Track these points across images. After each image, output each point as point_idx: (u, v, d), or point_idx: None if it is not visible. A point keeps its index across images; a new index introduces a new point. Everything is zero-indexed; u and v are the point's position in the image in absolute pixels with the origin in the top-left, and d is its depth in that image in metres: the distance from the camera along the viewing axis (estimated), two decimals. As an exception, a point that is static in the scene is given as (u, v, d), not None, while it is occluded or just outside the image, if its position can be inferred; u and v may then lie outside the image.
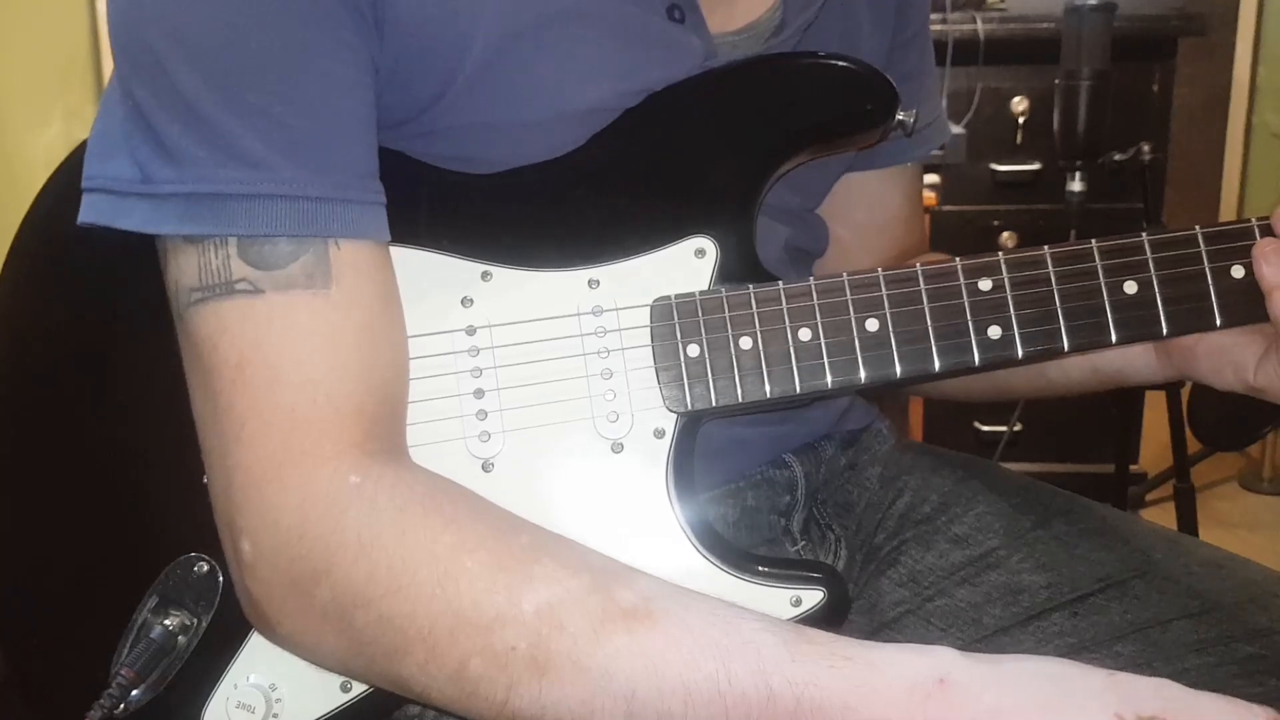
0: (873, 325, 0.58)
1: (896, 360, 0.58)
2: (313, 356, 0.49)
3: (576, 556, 0.50)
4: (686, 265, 0.59)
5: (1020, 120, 1.85)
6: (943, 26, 1.78)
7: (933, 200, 1.87)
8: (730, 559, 0.57)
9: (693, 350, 0.58)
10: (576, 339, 0.58)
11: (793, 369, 0.58)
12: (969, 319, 0.58)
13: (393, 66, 0.53)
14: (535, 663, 0.46)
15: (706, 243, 0.59)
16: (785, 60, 0.61)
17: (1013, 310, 0.58)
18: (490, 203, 0.58)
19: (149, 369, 0.57)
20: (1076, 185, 1.44)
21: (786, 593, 0.56)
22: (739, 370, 0.58)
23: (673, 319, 0.58)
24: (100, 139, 0.52)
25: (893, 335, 0.58)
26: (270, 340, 0.49)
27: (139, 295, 0.56)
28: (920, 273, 0.58)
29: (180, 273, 0.51)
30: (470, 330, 0.57)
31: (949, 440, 1.02)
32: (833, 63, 0.60)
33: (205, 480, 0.53)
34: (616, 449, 0.58)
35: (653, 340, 0.58)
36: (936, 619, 0.70)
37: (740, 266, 0.59)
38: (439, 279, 0.57)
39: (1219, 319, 0.58)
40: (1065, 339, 0.57)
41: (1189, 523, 1.56)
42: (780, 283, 0.58)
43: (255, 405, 0.49)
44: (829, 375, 0.58)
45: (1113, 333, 0.58)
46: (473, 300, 0.58)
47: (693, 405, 0.58)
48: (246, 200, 0.48)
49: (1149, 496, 1.98)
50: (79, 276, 0.61)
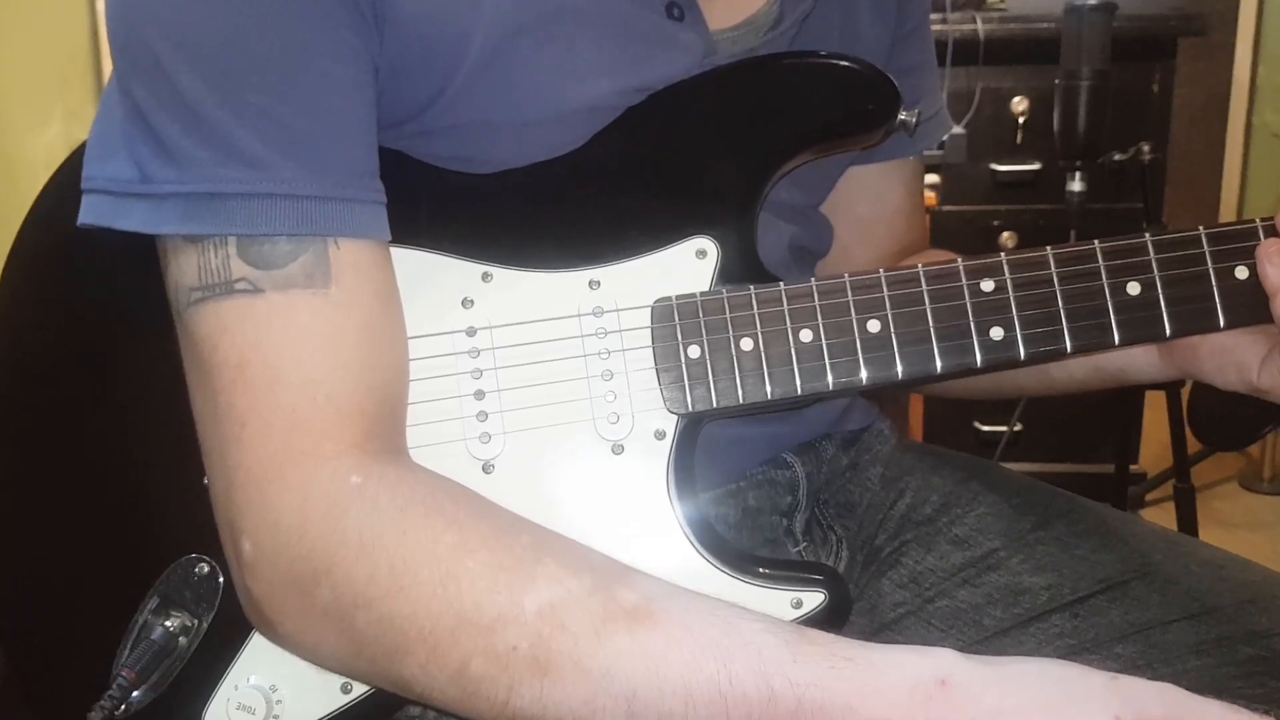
0: (874, 326, 0.58)
1: (898, 361, 0.57)
2: (313, 356, 0.49)
3: (578, 556, 0.50)
4: (688, 266, 0.58)
5: (1020, 120, 1.85)
6: (943, 26, 1.78)
7: (933, 200, 1.87)
8: (731, 560, 0.56)
9: (694, 351, 0.58)
10: (577, 340, 0.58)
11: (794, 370, 0.57)
12: (971, 320, 0.57)
13: (392, 65, 0.53)
14: (537, 663, 0.46)
15: (708, 243, 0.59)
16: (787, 60, 0.61)
17: (1015, 311, 0.57)
18: (490, 203, 0.58)
19: (150, 369, 0.57)
20: (1076, 185, 1.44)
21: (787, 594, 0.56)
22: (740, 371, 0.57)
23: (674, 320, 0.58)
24: (99, 139, 0.52)
25: (894, 336, 0.57)
26: (270, 340, 0.49)
27: (139, 296, 0.55)
28: (922, 273, 0.58)
29: (180, 273, 0.51)
30: (471, 331, 0.57)
31: (949, 440, 1.02)
32: (835, 62, 0.60)
33: (206, 481, 0.53)
34: (617, 450, 0.58)
35: (653, 341, 0.58)
36: (937, 620, 0.70)
37: (741, 267, 0.59)
38: (439, 280, 0.57)
39: (1222, 320, 0.58)
40: (1068, 340, 0.57)
41: (1189, 523, 1.56)
42: (781, 283, 0.58)
43: (255, 405, 0.49)
44: (830, 376, 0.57)
45: (1116, 334, 0.57)
46: (473, 301, 0.57)
47: (693, 406, 0.57)
48: (246, 200, 0.48)
49: (1149, 496, 1.98)
50: (79, 277, 0.61)
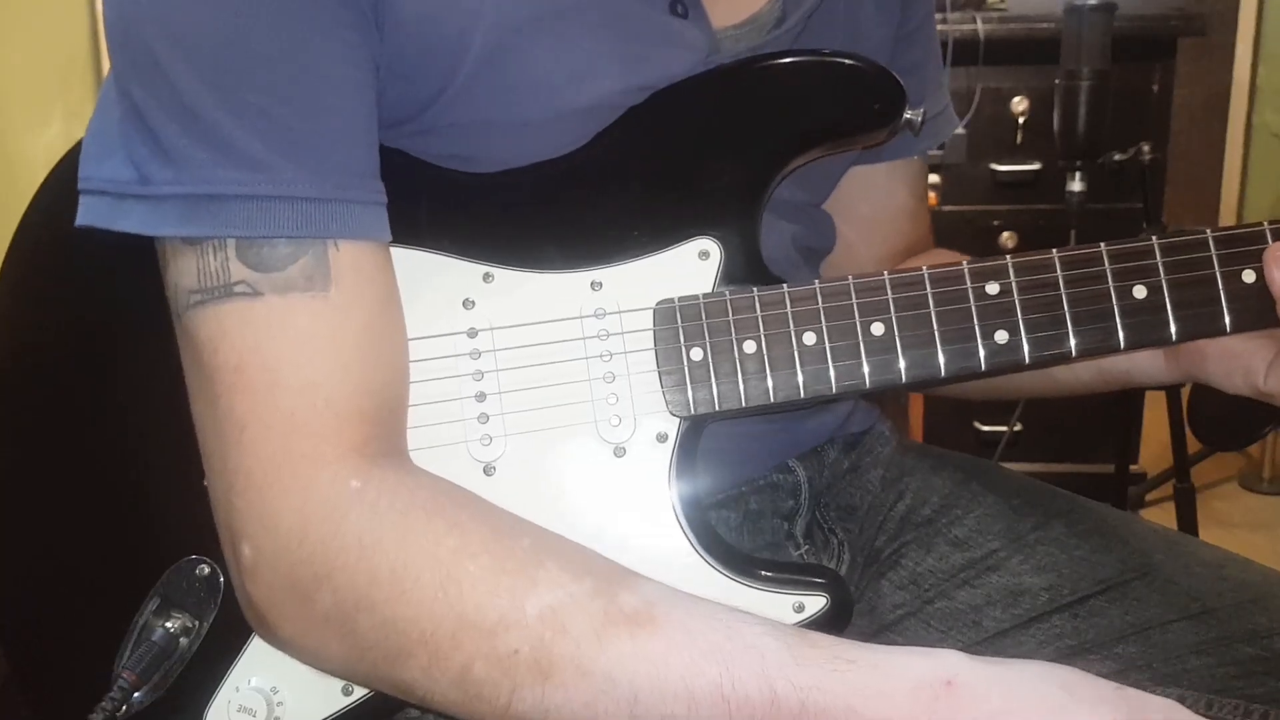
0: (878, 329, 0.57)
1: (902, 364, 0.57)
2: (312, 360, 0.49)
3: (579, 560, 0.49)
4: (690, 267, 0.58)
5: (1020, 120, 1.84)
6: (943, 26, 1.78)
7: (933, 200, 1.87)
8: (733, 564, 0.56)
9: (696, 354, 0.57)
10: (579, 342, 0.57)
11: (797, 373, 0.57)
12: (976, 323, 0.57)
13: (393, 64, 0.53)
14: (538, 666, 0.46)
15: (711, 244, 0.58)
16: (792, 59, 0.60)
17: (1020, 315, 0.57)
18: (492, 203, 0.57)
19: (149, 370, 0.57)
20: (1076, 185, 1.43)
21: (789, 598, 0.56)
22: (742, 374, 0.57)
23: (676, 322, 0.57)
24: (96, 139, 0.52)
25: (898, 339, 0.57)
26: (269, 343, 0.49)
27: (138, 297, 0.55)
28: (927, 276, 0.57)
29: (179, 275, 0.50)
30: (472, 333, 0.57)
31: (949, 440, 1.02)
32: (840, 61, 0.60)
33: (206, 483, 0.53)
34: (619, 453, 0.57)
35: (656, 343, 0.57)
36: (937, 621, 0.70)
37: (745, 268, 0.59)
38: (440, 280, 0.57)
39: (1229, 324, 0.57)
40: (1073, 344, 0.57)
41: (1189, 523, 1.56)
42: (785, 285, 0.58)
43: (255, 409, 0.49)
44: (833, 379, 0.57)
45: (1121, 338, 0.57)
46: (474, 302, 0.57)
47: (696, 409, 0.57)
48: (245, 201, 0.48)
49: (1149, 496, 1.98)
50: (78, 278, 0.61)
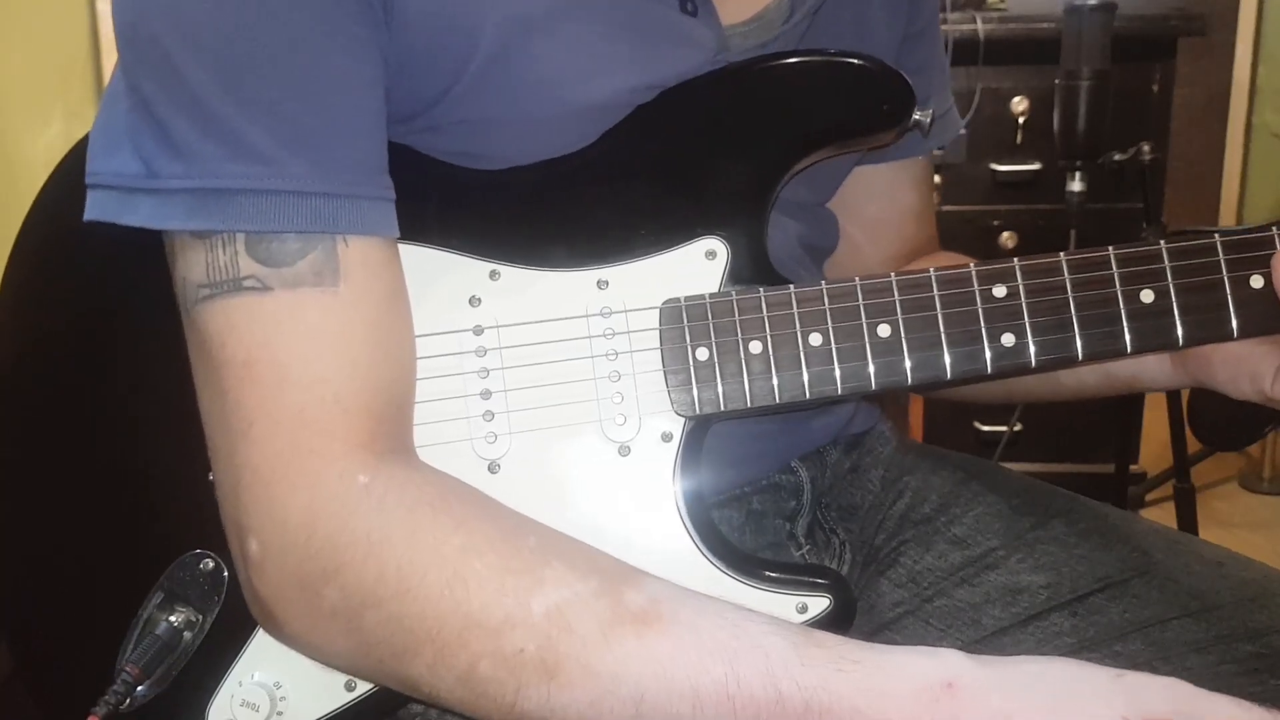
0: (884, 331, 0.57)
1: (908, 366, 0.57)
2: (321, 355, 0.49)
3: (585, 558, 0.50)
4: (697, 267, 0.58)
5: (1020, 120, 1.84)
6: (943, 27, 1.76)
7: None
8: (737, 564, 0.56)
9: (702, 354, 0.57)
10: (585, 340, 0.57)
11: (802, 374, 0.57)
12: (983, 325, 0.57)
13: (401, 60, 0.52)
14: (544, 665, 0.46)
15: (717, 244, 0.58)
16: (800, 58, 0.60)
17: (1027, 317, 0.57)
18: (499, 200, 0.57)
19: (155, 364, 0.57)
20: (1076, 185, 1.43)
21: (792, 599, 0.56)
22: (748, 374, 0.57)
23: (682, 322, 0.57)
24: (103, 134, 0.51)
25: (904, 341, 0.57)
26: (278, 339, 0.49)
27: (144, 291, 0.55)
28: (934, 278, 0.57)
29: (188, 269, 0.50)
30: (478, 330, 0.57)
31: (949, 440, 1.02)
32: (850, 62, 0.59)
33: (211, 478, 0.53)
34: (623, 452, 0.57)
35: (661, 343, 0.57)
36: (936, 620, 0.70)
37: (751, 268, 0.58)
38: (446, 278, 0.56)
39: (1236, 329, 0.57)
40: (1080, 347, 0.57)
41: (1189, 522, 1.56)
42: (791, 286, 0.58)
43: (263, 404, 0.49)
44: (839, 381, 0.57)
45: (1128, 342, 0.57)
46: (480, 300, 0.57)
47: (701, 409, 0.57)
48: (254, 196, 0.48)
49: (1149, 496, 1.98)
50: (84, 272, 0.61)
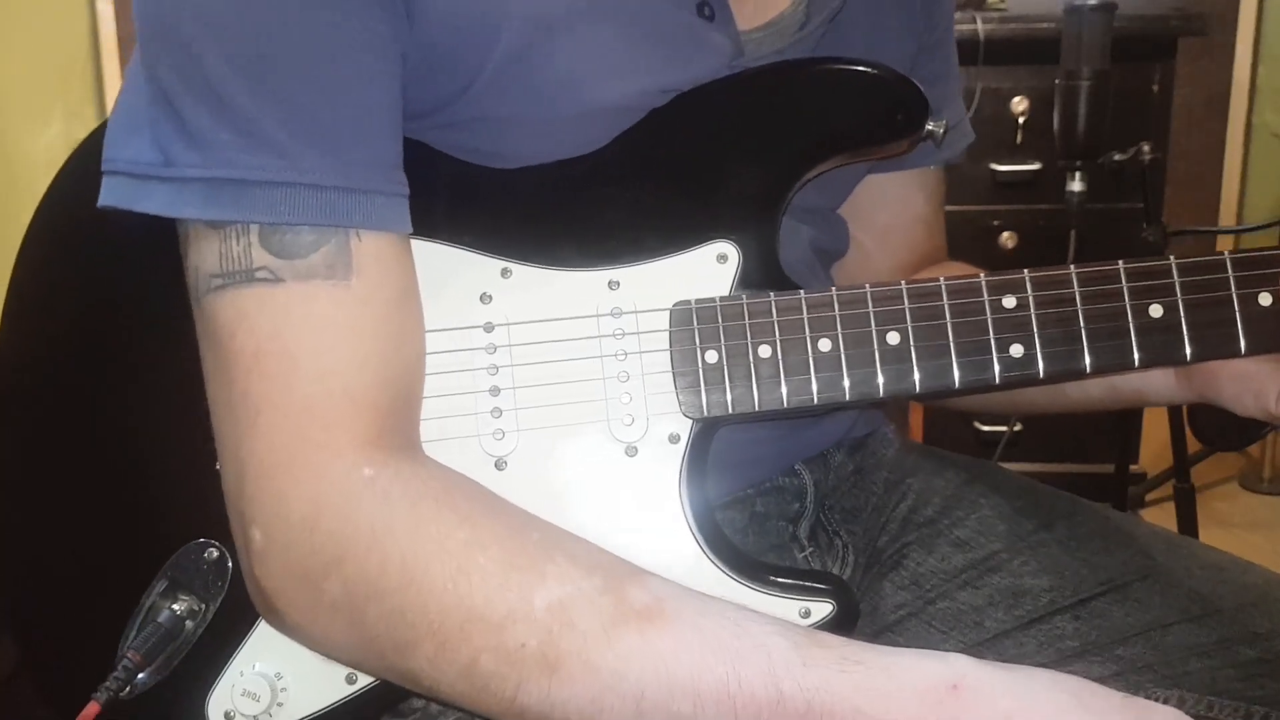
0: (894, 338, 0.57)
1: (916, 374, 0.57)
2: (331, 348, 0.49)
3: (589, 555, 0.50)
4: (708, 270, 0.58)
5: (1020, 120, 1.83)
6: (944, 27, 1.76)
7: (933, 200, 1.86)
8: (741, 568, 0.57)
9: (711, 356, 0.57)
10: (594, 340, 0.57)
11: (811, 379, 0.57)
12: (992, 336, 0.57)
13: (420, 56, 0.52)
14: (545, 660, 0.46)
15: (729, 248, 0.58)
16: (815, 66, 0.60)
17: (1036, 329, 0.57)
18: (513, 199, 0.57)
19: (163, 354, 0.57)
20: (1076, 185, 1.42)
21: (795, 604, 0.56)
22: (757, 378, 0.57)
23: (692, 324, 0.57)
24: (121, 121, 0.51)
25: (913, 349, 0.57)
26: (289, 330, 0.49)
27: (152, 283, 0.55)
28: (944, 287, 0.57)
29: (200, 258, 0.50)
30: (488, 327, 0.57)
31: (949, 440, 1.03)
32: (865, 71, 0.59)
33: (218, 467, 0.53)
34: (630, 452, 0.57)
35: (671, 345, 0.57)
36: (938, 622, 0.71)
37: (762, 273, 0.58)
38: (458, 274, 0.57)
39: (1244, 346, 0.57)
40: (1088, 360, 0.57)
41: (1189, 523, 1.57)
42: (802, 292, 0.58)
43: (271, 395, 0.49)
44: (847, 387, 0.57)
45: (1136, 356, 0.57)
46: (491, 297, 0.57)
47: (709, 412, 0.57)
48: (269, 188, 0.48)
49: (1149, 496, 1.98)
50: (92, 265, 0.61)
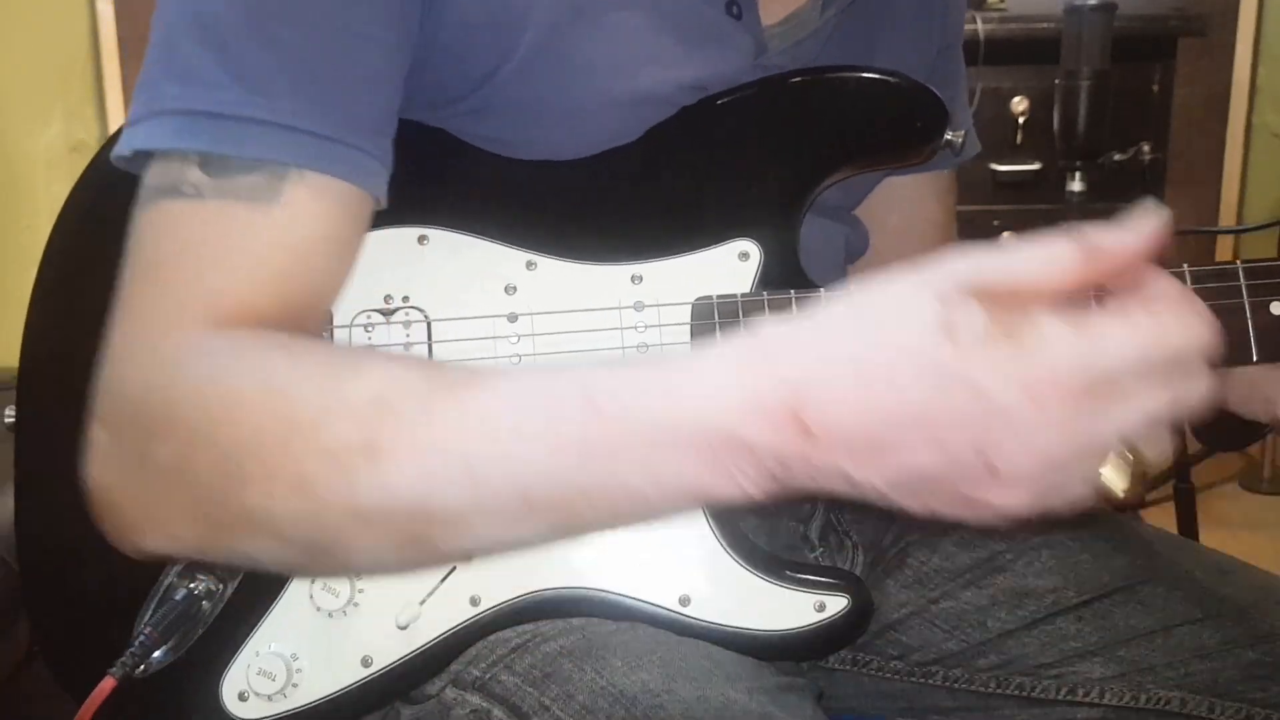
0: (911, 337, 0.58)
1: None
2: (230, 268, 0.48)
3: (410, 357, 0.51)
4: (730, 267, 0.59)
5: (1020, 120, 1.83)
6: (943, 26, 1.76)
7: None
8: (758, 562, 0.57)
9: (731, 350, 0.58)
10: (616, 332, 0.58)
11: (829, 375, 0.58)
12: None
13: (449, 40, 0.53)
14: (370, 448, 0.44)
15: (751, 246, 0.59)
16: (840, 74, 0.61)
17: None
18: (540, 193, 0.58)
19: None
20: (1076, 185, 1.43)
21: (811, 597, 0.57)
22: (775, 373, 0.58)
23: (713, 318, 0.58)
24: (138, 87, 0.52)
25: (931, 348, 0.57)
26: (193, 245, 0.48)
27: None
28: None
29: (150, 175, 0.50)
30: (512, 317, 0.58)
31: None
32: (886, 79, 0.60)
33: None
34: (649, 444, 0.58)
35: (692, 338, 0.58)
36: (941, 621, 0.71)
37: (783, 272, 0.59)
38: (484, 266, 0.57)
39: (1256, 354, 0.58)
40: None
41: (1189, 523, 1.57)
42: (822, 290, 0.58)
43: (149, 298, 0.48)
44: (865, 384, 0.57)
45: None
46: (516, 288, 0.58)
47: (727, 405, 0.58)
48: (238, 123, 0.48)
49: (1149, 496, 1.99)
50: (120, 248, 0.61)
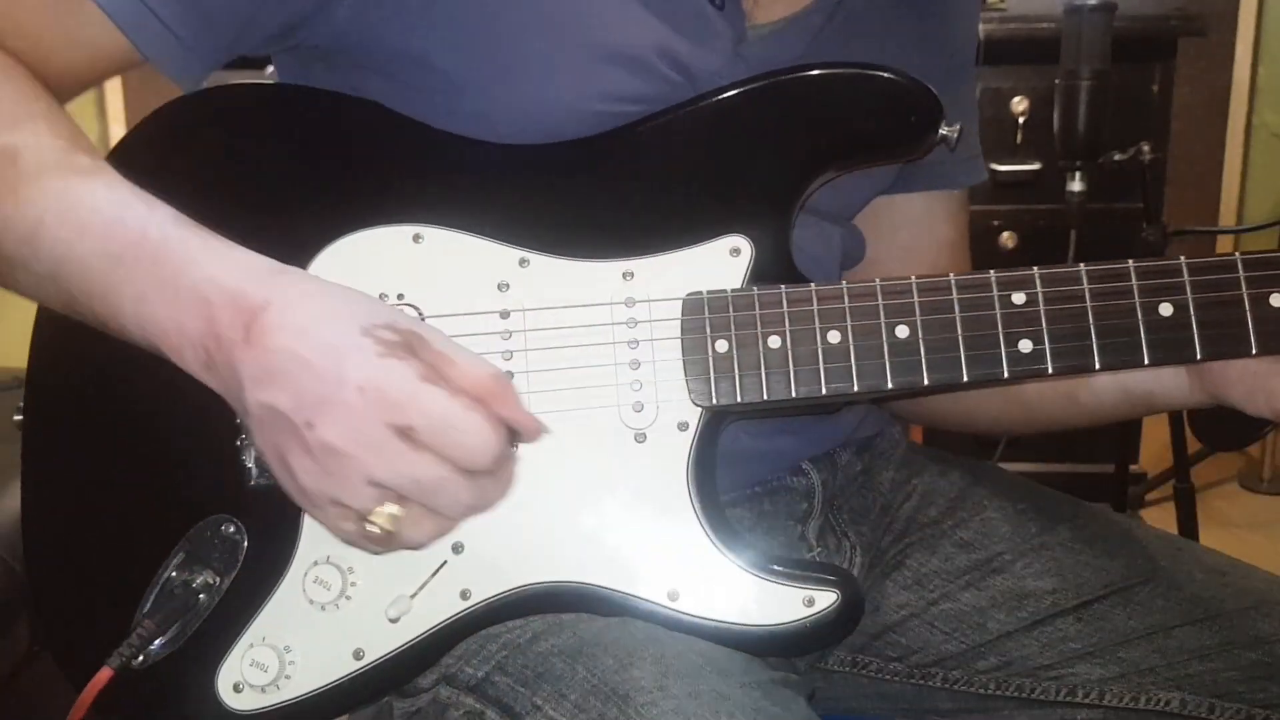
0: (903, 332, 0.58)
1: (925, 368, 0.58)
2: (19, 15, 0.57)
3: (68, 128, 0.55)
4: (721, 263, 0.59)
5: (1020, 120, 1.82)
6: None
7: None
8: (746, 556, 0.57)
9: (721, 346, 0.58)
10: (607, 327, 0.58)
11: (819, 370, 0.58)
12: (1000, 331, 0.58)
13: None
14: None
15: (742, 242, 0.59)
16: (833, 68, 0.61)
17: (1045, 325, 0.57)
18: (531, 189, 0.58)
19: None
20: (1076, 185, 1.42)
21: (800, 592, 0.57)
22: (766, 368, 0.58)
23: (703, 314, 0.58)
24: None
25: (922, 343, 0.58)
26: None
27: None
28: (953, 282, 0.58)
29: None
30: (504, 314, 0.58)
31: (949, 440, 1.02)
32: (879, 74, 0.60)
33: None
34: (640, 438, 0.58)
35: (682, 334, 0.58)
36: (940, 623, 0.71)
37: (774, 268, 0.59)
38: (477, 263, 0.58)
39: (1255, 346, 0.57)
40: (1097, 357, 0.57)
41: (1189, 523, 1.56)
42: (812, 284, 0.58)
43: None
44: (855, 379, 0.58)
45: (1145, 354, 0.57)
46: (509, 285, 0.58)
47: (718, 400, 0.58)
48: None
49: (1149, 496, 1.98)
50: None
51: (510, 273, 0.58)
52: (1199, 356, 0.58)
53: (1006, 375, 0.58)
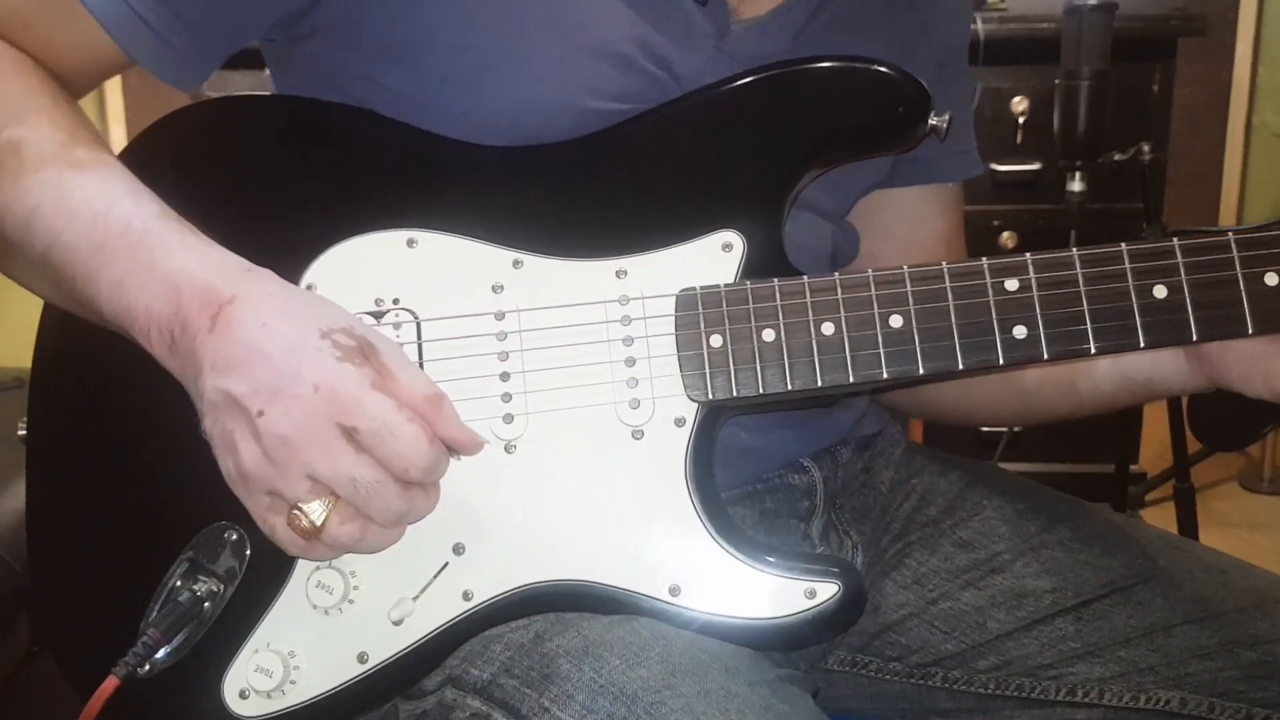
0: (897, 321, 0.58)
1: (920, 357, 0.58)
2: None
3: (71, 122, 0.58)
4: (713, 258, 0.59)
5: (1020, 120, 1.83)
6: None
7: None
8: (746, 549, 0.57)
9: (715, 341, 0.58)
10: (602, 325, 0.58)
11: (814, 362, 0.58)
12: (994, 318, 0.58)
13: None
14: None
15: (734, 237, 0.59)
16: (821, 62, 0.61)
17: (1039, 310, 0.58)
18: (524, 190, 0.59)
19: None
20: (1076, 185, 1.43)
21: (801, 584, 0.57)
22: (761, 362, 0.58)
23: (697, 309, 0.58)
24: None
25: (916, 332, 0.58)
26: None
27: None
28: (946, 270, 0.58)
29: None
30: (499, 315, 0.58)
31: (949, 440, 1.03)
32: (867, 66, 0.61)
33: None
34: (637, 435, 0.58)
35: (676, 329, 0.58)
36: (940, 622, 0.71)
37: (767, 262, 0.59)
38: (472, 265, 0.58)
39: (1251, 326, 0.57)
40: (1092, 340, 0.57)
41: (1189, 523, 1.56)
42: (805, 277, 0.58)
43: None
44: (851, 370, 0.58)
45: (1141, 336, 0.57)
46: (503, 286, 0.59)
47: (714, 395, 0.58)
48: None
49: (1149, 496, 1.97)
50: None
51: (504, 274, 0.59)
52: (1195, 338, 0.58)
53: (1002, 361, 0.58)
